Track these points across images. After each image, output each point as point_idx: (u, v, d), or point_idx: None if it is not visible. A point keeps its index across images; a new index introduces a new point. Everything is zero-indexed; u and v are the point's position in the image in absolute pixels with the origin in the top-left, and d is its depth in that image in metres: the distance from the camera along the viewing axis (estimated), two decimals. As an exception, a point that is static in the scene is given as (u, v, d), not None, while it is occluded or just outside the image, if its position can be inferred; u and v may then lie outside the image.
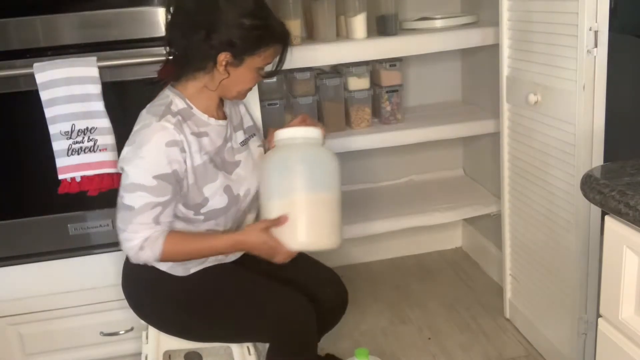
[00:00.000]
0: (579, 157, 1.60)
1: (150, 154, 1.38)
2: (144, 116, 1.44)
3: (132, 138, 1.42)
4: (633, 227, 0.97)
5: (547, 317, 1.91)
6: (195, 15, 1.39)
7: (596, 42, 1.51)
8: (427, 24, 2.23)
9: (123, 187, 1.41)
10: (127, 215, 1.40)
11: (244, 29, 1.39)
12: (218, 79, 1.44)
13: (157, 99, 1.49)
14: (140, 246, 1.41)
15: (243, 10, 1.39)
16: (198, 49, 1.40)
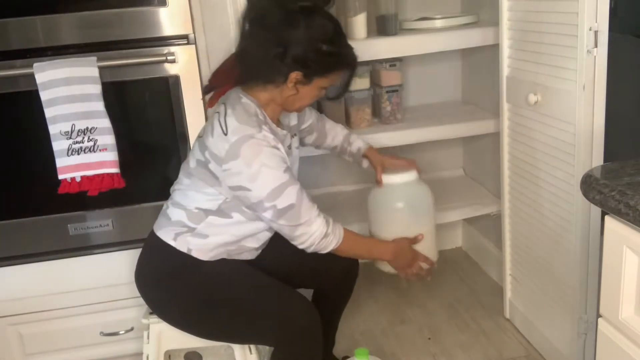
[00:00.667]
0: (579, 157, 1.60)
1: (268, 160, 1.45)
2: (236, 127, 1.45)
3: (231, 152, 1.43)
4: (633, 227, 0.97)
5: (547, 317, 1.91)
6: (277, 32, 1.45)
7: (596, 42, 1.51)
8: (427, 24, 2.23)
9: (267, 198, 1.45)
10: (292, 213, 1.47)
11: (320, 53, 1.47)
12: (285, 94, 1.52)
13: (238, 106, 1.49)
14: (326, 233, 1.51)
15: (322, 36, 1.47)
16: (272, 64, 1.46)
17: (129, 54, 1.68)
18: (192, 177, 1.55)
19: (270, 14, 1.46)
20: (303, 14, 1.45)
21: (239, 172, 1.45)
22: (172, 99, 1.74)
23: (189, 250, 1.55)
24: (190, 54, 1.71)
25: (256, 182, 1.44)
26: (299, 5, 1.45)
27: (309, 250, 1.53)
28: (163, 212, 1.62)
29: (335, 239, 1.53)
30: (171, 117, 1.75)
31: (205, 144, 1.50)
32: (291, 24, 1.44)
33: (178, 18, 1.68)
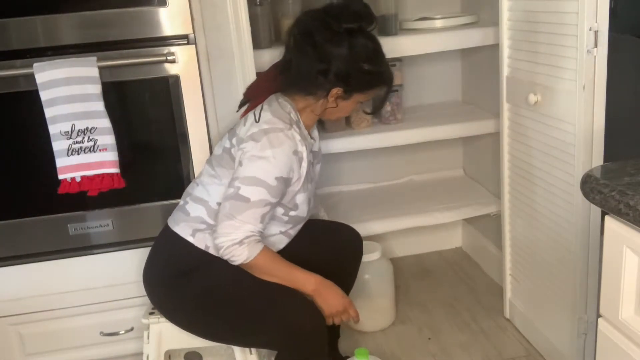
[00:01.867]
0: (579, 157, 1.60)
1: (279, 157, 1.50)
2: (270, 118, 1.54)
3: (256, 135, 1.51)
4: (633, 227, 0.97)
5: (547, 317, 1.91)
6: (322, 50, 1.53)
7: (596, 42, 1.51)
8: (427, 24, 2.23)
9: (241, 179, 1.50)
10: (240, 205, 1.49)
11: (362, 72, 1.56)
12: (325, 106, 1.60)
13: (275, 104, 1.59)
14: (241, 241, 1.49)
15: (364, 55, 1.56)
16: (315, 79, 1.55)
17: (129, 54, 1.68)
18: (215, 168, 1.59)
19: (317, 32, 1.54)
20: (347, 35, 1.53)
21: (247, 150, 1.50)
22: (172, 99, 1.74)
23: (207, 248, 1.56)
24: (190, 54, 1.71)
25: (251, 163, 1.50)
26: (343, 26, 1.53)
27: (219, 251, 1.51)
28: (180, 207, 1.63)
29: (247, 252, 1.49)
30: (171, 117, 1.75)
31: (236, 132, 1.59)
32: (336, 43, 1.53)
33: (178, 18, 1.68)
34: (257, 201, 1.49)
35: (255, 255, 1.49)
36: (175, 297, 1.58)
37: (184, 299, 1.56)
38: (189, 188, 1.67)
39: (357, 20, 1.55)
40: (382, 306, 2.18)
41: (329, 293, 1.56)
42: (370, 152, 2.40)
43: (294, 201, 1.60)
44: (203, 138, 1.78)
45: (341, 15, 1.55)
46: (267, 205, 1.51)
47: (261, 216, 1.50)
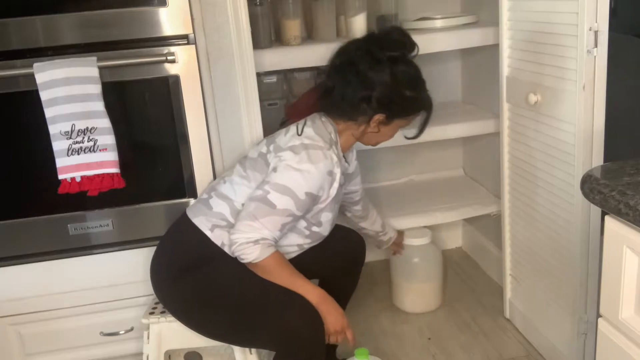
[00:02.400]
0: (579, 157, 1.60)
1: (313, 173, 1.52)
2: (312, 135, 1.57)
3: (297, 147, 1.54)
4: (633, 227, 0.97)
5: (547, 317, 1.91)
6: (365, 77, 1.57)
7: (596, 42, 1.51)
8: (427, 24, 2.23)
9: (272, 185, 1.52)
10: (265, 209, 1.51)
11: (404, 98, 1.60)
12: (365, 131, 1.64)
13: (318, 121, 1.62)
14: (256, 241, 1.50)
15: (407, 83, 1.59)
16: (358, 105, 1.59)
17: (129, 54, 1.68)
18: (247, 170, 1.61)
19: (360, 60, 1.57)
20: (389, 62, 1.57)
21: (284, 159, 1.53)
22: (172, 99, 1.74)
23: (222, 245, 1.57)
24: (190, 54, 1.71)
25: (285, 172, 1.52)
26: (386, 55, 1.57)
27: (232, 247, 1.52)
28: (203, 200, 1.64)
29: (258, 252, 1.50)
30: (171, 117, 1.75)
31: (275, 140, 1.63)
32: (378, 70, 1.56)
33: (178, 18, 1.68)
34: (282, 210, 1.51)
35: (265, 257, 1.51)
36: (181, 286, 1.58)
37: (189, 289, 1.57)
38: (214, 183, 1.68)
39: (399, 48, 1.59)
40: (430, 289, 2.27)
41: (330, 309, 1.56)
42: (371, 152, 2.40)
43: (319, 218, 1.63)
44: (203, 138, 1.78)
45: (383, 43, 1.59)
46: (290, 216, 1.53)
47: (282, 225, 1.53)
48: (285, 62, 2.03)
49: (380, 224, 2.08)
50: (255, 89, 1.81)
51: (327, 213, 1.64)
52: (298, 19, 2.08)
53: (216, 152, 1.83)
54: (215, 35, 1.75)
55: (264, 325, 1.52)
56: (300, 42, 2.10)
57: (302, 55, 2.02)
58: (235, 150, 1.84)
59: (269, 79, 2.16)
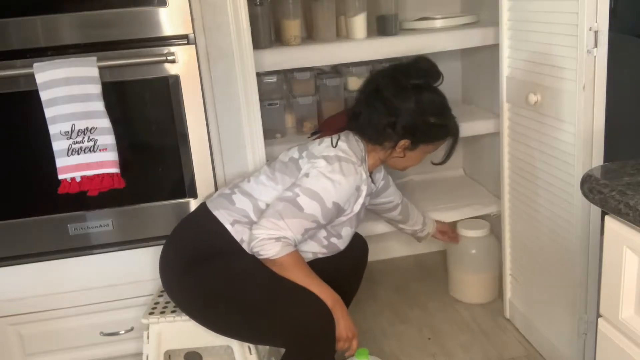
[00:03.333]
0: (579, 157, 1.60)
1: (344, 185, 1.56)
2: (346, 149, 1.62)
3: (330, 158, 1.58)
4: (633, 227, 0.97)
5: (547, 317, 1.91)
6: (390, 104, 1.61)
7: (596, 42, 1.51)
8: (427, 24, 2.23)
9: (303, 188, 1.55)
10: (293, 210, 1.53)
11: (429, 125, 1.64)
12: (392, 155, 1.69)
13: (351, 137, 1.66)
14: (277, 238, 1.52)
15: (432, 110, 1.64)
16: (383, 130, 1.63)
17: (129, 54, 1.68)
18: (275, 173, 1.63)
19: (386, 88, 1.62)
20: (414, 90, 1.62)
21: (317, 167, 1.57)
22: (172, 99, 1.74)
23: (242, 241, 1.58)
24: (190, 54, 1.71)
25: (316, 178, 1.55)
26: (411, 83, 1.62)
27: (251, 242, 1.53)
28: (225, 195, 1.65)
29: (277, 249, 1.50)
30: (171, 117, 1.75)
31: (308, 147, 1.66)
32: (403, 98, 1.61)
33: (178, 18, 1.68)
34: (309, 214, 1.53)
35: (284, 254, 1.52)
36: (194, 275, 1.57)
37: (202, 279, 1.56)
38: (238, 181, 1.70)
39: (424, 76, 1.63)
40: (487, 280, 2.28)
41: (344, 313, 1.58)
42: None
43: (339, 231, 1.66)
44: (203, 138, 1.78)
45: (409, 71, 1.64)
46: (315, 222, 1.55)
47: (305, 229, 1.55)
48: (285, 62, 2.03)
49: (421, 221, 2.11)
50: (255, 89, 1.82)
51: (348, 228, 1.67)
52: (298, 19, 2.08)
53: (216, 152, 1.83)
54: (215, 35, 1.75)
55: (276, 322, 1.52)
56: (300, 42, 2.10)
57: (302, 55, 2.02)
58: (235, 150, 1.84)
59: (269, 79, 2.16)
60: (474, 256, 2.24)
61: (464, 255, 2.26)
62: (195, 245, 1.62)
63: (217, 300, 1.56)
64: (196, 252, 1.60)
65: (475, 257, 2.24)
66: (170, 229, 1.71)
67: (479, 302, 2.29)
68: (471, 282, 2.29)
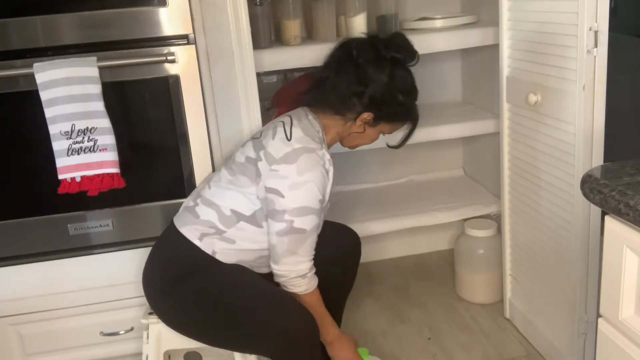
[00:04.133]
0: (579, 157, 1.60)
1: (317, 179, 1.51)
2: (302, 136, 1.54)
3: (290, 156, 1.50)
4: (633, 227, 0.97)
5: (547, 317, 1.91)
6: (363, 72, 1.57)
7: (596, 42, 1.51)
8: (427, 24, 2.23)
9: (291, 212, 1.50)
10: (299, 238, 1.52)
11: (396, 102, 1.60)
12: (351, 129, 1.63)
13: (304, 120, 1.59)
14: (304, 275, 1.54)
15: (403, 88, 1.60)
16: (349, 98, 1.58)
17: (129, 54, 1.68)
18: (236, 175, 1.58)
19: (362, 55, 1.57)
20: (391, 63, 1.58)
21: (285, 177, 1.50)
22: (172, 99, 1.74)
23: (214, 253, 1.56)
24: (190, 54, 1.71)
25: (294, 191, 1.49)
26: (390, 54, 1.58)
27: (278, 278, 1.56)
28: (189, 208, 1.62)
29: (306, 285, 1.55)
30: (171, 117, 1.75)
31: (263, 144, 1.57)
32: (378, 68, 1.57)
33: (178, 18, 1.68)
34: (312, 228, 1.53)
35: (312, 289, 1.56)
36: (173, 297, 1.57)
37: (182, 300, 1.55)
38: (199, 189, 1.67)
39: (404, 52, 1.60)
40: (494, 280, 2.27)
41: (342, 347, 1.61)
42: (370, 152, 2.40)
43: None
44: (203, 138, 1.78)
45: (389, 44, 1.59)
46: (318, 227, 1.55)
47: (314, 245, 1.55)
48: (285, 62, 2.03)
49: None
50: (255, 89, 1.81)
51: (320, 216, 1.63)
52: (298, 19, 2.09)
53: (216, 152, 1.83)
54: (215, 35, 1.75)
55: (258, 331, 1.51)
56: (300, 42, 2.10)
57: (302, 55, 2.02)
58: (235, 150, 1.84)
59: (269, 79, 2.16)
60: (482, 256, 2.24)
61: (471, 255, 2.26)
62: (170, 269, 1.59)
63: (201, 317, 1.54)
64: (172, 274, 1.57)
65: (482, 257, 2.24)
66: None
67: (487, 302, 2.29)
68: (479, 281, 2.29)
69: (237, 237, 1.56)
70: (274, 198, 1.51)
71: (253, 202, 1.55)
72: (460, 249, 2.30)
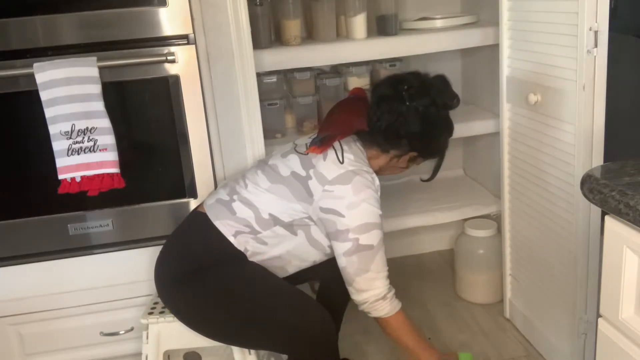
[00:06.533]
0: (579, 157, 1.60)
1: (373, 196, 1.54)
2: (355, 161, 1.56)
3: (344, 177, 1.51)
4: (633, 227, 0.97)
5: (547, 317, 1.91)
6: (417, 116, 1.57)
7: (596, 42, 1.51)
8: (427, 24, 2.23)
9: (354, 230, 1.50)
10: (368, 255, 1.50)
11: (439, 143, 1.67)
12: (392, 163, 1.66)
13: (354, 147, 1.60)
14: (385, 296, 1.52)
15: (448, 133, 1.67)
16: (399, 140, 1.60)
17: (129, 54, 1.68)
18: (278, 184, 1.56)
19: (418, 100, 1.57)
20: (443, 109, 1.61)
21: (341, 197, 1.50)
22: (172, 99, 1.74)
23: (246, 250, 1.56)
24: (190, 54, 1.71)
25: (353, 210, 1.50)
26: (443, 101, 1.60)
27: (360, 306, 1.55)
28: (225, 202, 1.59)
29: (389, 307, 1.54)
30: (171, 117, 1.75)
31: (313, 163, 1.55)
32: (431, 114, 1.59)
33: (178, 18, 1.68)
34: (379, 243, 1.52)
35: (396, 312, 1.54)
36: (192, 288, 1.55)
37: (199, 291, 1.54)
38: (234, 184, 1.63)
39: (453, 99, 1.62)
40: (494, 280, 2.27)
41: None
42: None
43: None
44: (203, 138, 1.78)
45: (443, 91, 1.61)
46: (383, 242, 1.54)
47: (384, 260, 1.54)
48: (285, 62, 2.03)
49: None
50: (255, 89, 1.81)
51: None
52: (298, 19, 2.08)
53: (216, 152, 1.83)
54: (215, 35, 1.75)
55: (276, 328, 1.51)
56: (300, 42, 2.10)
57: (302, 55, 2.02)
58: (235, 150, 1.84)
59: (269, 79, 2.16)
60: (482, 256, 2.24)
61: (471, 255, 2.26)
62: (196, 255, 1.58)
63: (218, 309, 1.54)
64: (197, 262, 1.56)
65: (482, 257, 2.24)
66: (170, 229, 1.71)
67: (487, 302, 2.29)
68: (479, 281, 2.29)
69: (270, 241, 1.56)
70: (334, 218, 1.51)
71: (295, 212, 1.54)
72: (460, 249, 2.30)
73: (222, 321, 1.55)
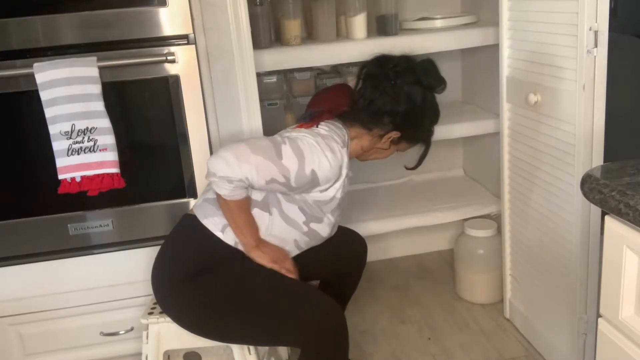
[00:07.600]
0: (579, 157, 1.60)
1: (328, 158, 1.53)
2: (327, 130, 1.60)
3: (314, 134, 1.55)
4: (633, 227, 0.97)
5: (547, 317, 1.91)
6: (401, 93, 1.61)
7: (596, 42, 1.51)
8: (427, 24, 2.23)
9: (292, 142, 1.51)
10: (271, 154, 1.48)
11: (423, 125, 1.70)
12: (375, 145, 1.69)
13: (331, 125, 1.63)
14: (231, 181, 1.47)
15: (431, 113, 1.71)
16: (382, 116, 1.63)
17: (129, 54, 1.68)
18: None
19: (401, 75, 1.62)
20: (426, 89, 1.66)
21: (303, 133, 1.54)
22: (172, 99, 1.74)
23: (236, 244, 1.57)
24: (190, 54, 1.71)
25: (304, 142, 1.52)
26: (428, 80, 1.65)
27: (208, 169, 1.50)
28: (211, 200, 1.61)
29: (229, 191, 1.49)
30: (171, 117, 1.75)
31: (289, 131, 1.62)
32: (416, 92, 1.63)
33: (178, 18, 1.68)
34: (284, 167, 1.49)
35: (234, 198, 1.50)
36: (192, 292, 1.54)
37: (200, 294, 1.54)
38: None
39: (439, 80, 1.66)
40: (494, 280, 2.27)
41: (268, 249, 1.58)
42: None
43: (318, 214, 1.62)
44: (203, 138, 1.78)
45: (428, 70, 1.66)
46: (285, 179, 1.50)
47: (271, 179, 1.49)
48: (285, 62, 2.03)
49: None
50: (255, 89, 1.81)
51: (329, 215, 1.64)
52: (298, 19, 2.08)
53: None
54: (215, 35, 1.75)
55: (287, 323, 1.52)
56: (300, 42, 2.10)
57: (302, 55, 2.02)
58: (235, 150, 1.84)
59: (269, 79, 2.16)
60: (482, 256, 2.24)
61: (471, 255, 2.26)
62: (190, 260, 1.58)
63: (222, 309, 1.53)
64: (191, 265, 1.56)
65: (482, 257, 2.24)
66: (170, 229, 1.71)
67: (487, 302, 2.29)
68: (479, 281, 2.29)
69: None
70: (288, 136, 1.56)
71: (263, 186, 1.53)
72: (460, 249, 2.30)
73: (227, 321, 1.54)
